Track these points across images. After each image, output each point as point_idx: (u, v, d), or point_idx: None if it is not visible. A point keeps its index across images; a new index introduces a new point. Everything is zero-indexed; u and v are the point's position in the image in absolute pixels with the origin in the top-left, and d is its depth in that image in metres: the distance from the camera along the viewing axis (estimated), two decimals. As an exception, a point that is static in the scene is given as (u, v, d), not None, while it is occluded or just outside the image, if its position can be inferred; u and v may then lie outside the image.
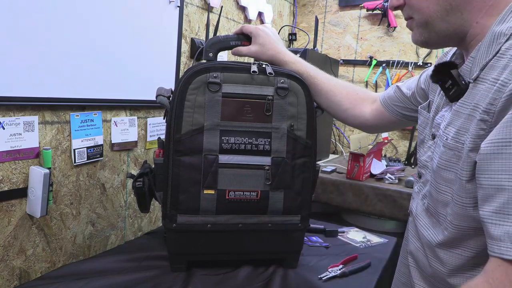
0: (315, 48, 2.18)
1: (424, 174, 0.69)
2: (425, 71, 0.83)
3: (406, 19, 0.66)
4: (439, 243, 0.61)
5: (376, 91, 2.41)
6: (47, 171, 1.02)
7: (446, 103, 0.65)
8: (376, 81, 2.41)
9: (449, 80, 0.59)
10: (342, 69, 2.48)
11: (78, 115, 1.15)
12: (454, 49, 0.70)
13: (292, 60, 0.96)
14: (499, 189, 0.46)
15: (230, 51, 1.00)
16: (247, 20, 1.99)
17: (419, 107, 0.77)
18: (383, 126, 0.97)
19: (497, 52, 0.53)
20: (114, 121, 1.28)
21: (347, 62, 2.50)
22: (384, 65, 2.37)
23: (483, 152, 0.49)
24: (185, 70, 1.52)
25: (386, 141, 2.24)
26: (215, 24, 1.66)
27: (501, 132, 0.46)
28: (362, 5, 2.35)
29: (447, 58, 0.71)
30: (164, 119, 0.97)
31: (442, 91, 0.64)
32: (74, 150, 1.15)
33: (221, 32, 1.75)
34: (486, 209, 0.48)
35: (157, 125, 1.47)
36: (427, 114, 0.73)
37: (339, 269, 1.03)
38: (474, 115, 0.53)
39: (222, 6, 1.70)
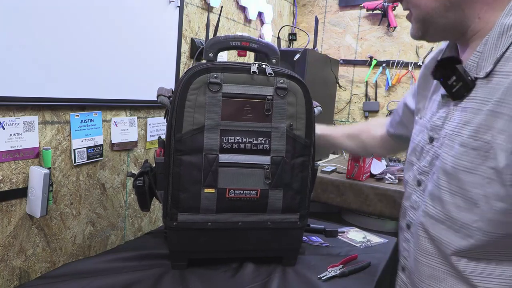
0: (315, 48, 2.18)
1: (424, 180, 0.65)
2: (406, 96, 0.89)
3: (404, 9, 0.64)
4: (458, 250, 0.57)
5: (376, 91, 2.42)
6: (47, 171, 1.03)
7: (443, 104, 0.62)
8: (376, 81, 2.41)
9: (453, 76, 0.56)
10: (342, 69, 2.49)
11: (78, 115, 1.15)
12: (444, 44, 0.69)
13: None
14: None
15: (229, 51, 1.01)
16: (247, 20, 1.99)
17: (415, 117, 0.75)
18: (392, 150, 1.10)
19: (511, 44, 0.51)
20: (114, 121, 1.29)
21: (347, 62, 2.50)
22: (384, 65, 2.37)
23: None
24: (185, 70, 1.53)
25: (386, 141, 2.23)
26: (215, 24, 1.66)
27: None
28: (362, 5, 2.35)
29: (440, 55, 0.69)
30: (165, 118, 0.97)
31: (436, 92, 0.62)
32: (74, 150, 1.15)
33: (221, 32, 1.75)
34: None
35: (157, 125, 1.47)
36: (422, 121, 0.70)
37: (339, 269, 1.03)
38: (502, 111, 0.49)
39: (222, 6, 1.70)
